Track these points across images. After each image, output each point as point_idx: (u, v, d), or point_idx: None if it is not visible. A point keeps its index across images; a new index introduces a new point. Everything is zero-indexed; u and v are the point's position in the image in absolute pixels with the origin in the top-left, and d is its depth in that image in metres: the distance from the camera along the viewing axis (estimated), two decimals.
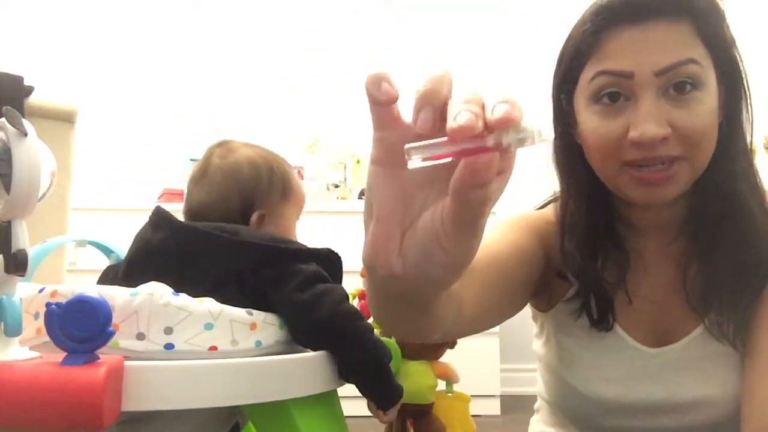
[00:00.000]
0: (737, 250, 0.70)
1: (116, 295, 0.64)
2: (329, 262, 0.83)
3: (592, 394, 0.77)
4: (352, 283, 1.02)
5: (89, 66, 3.10)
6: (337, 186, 3.18)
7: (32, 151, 0.57)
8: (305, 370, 0.70)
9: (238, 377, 0.65)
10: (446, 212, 0.33)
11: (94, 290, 0.62)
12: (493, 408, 2.67)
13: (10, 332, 0.55)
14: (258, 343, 0.70)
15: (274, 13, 3.28)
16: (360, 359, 0.78)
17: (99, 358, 0.56)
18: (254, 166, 0.90)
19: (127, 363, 0.59)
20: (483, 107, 0.30)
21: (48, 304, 0.55)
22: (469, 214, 0.32)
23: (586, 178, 0.75)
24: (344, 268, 0.84)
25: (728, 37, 0.68)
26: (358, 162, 3.12)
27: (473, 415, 1.24)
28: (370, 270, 0.39)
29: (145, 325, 0.64)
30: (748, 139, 0.72)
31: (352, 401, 1.04)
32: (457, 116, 0.29)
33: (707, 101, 0.66)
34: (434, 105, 0.32)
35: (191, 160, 3.08)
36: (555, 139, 0.78)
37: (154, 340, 0.64)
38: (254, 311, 0.72)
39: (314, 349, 0.76)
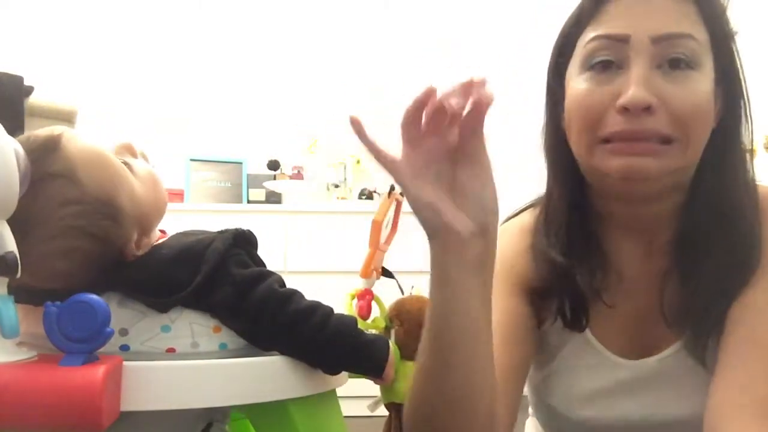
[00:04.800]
0: (721, 275, 0.66)
1: None
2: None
3: (572, 415, 0.75)
4: (352, 283, 1.02)
5: (89, 66, 3.10)
6: (337, 186, 3.18)
7: (5, 150, 0.54)
8: (305, 370, 0.70)
9: (238, 377, 0.65)
10: (462, 145, 0.53)
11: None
12: None
13: (7, 333, 0.55)
14: (223, 346, 0.69)
15: (274, 13, 3.28)
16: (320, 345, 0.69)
17: (98, 359, 0.56)
18: (70, 253, 0.65)
19: (126, 363, 0.59)
20: None
21: (46, 305, 0.55)
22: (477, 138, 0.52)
23: (569, 166, 0.71)
24: (344, 268, 0.81)
25: (728, 31, 0.66)
26: (358, 162, 3.11)
27: None
28: (440, 238, 0.54)
29: None
30: (747, 145, 0.68)
31: (352, 401, 1.04)
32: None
33: (702, 81, 0.63)
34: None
35: (191, 160, 3.09)
36: (545, 122, 0.75)
37: (109, 341, 0.62)
38: None
39: (278, 350, 0.70)
